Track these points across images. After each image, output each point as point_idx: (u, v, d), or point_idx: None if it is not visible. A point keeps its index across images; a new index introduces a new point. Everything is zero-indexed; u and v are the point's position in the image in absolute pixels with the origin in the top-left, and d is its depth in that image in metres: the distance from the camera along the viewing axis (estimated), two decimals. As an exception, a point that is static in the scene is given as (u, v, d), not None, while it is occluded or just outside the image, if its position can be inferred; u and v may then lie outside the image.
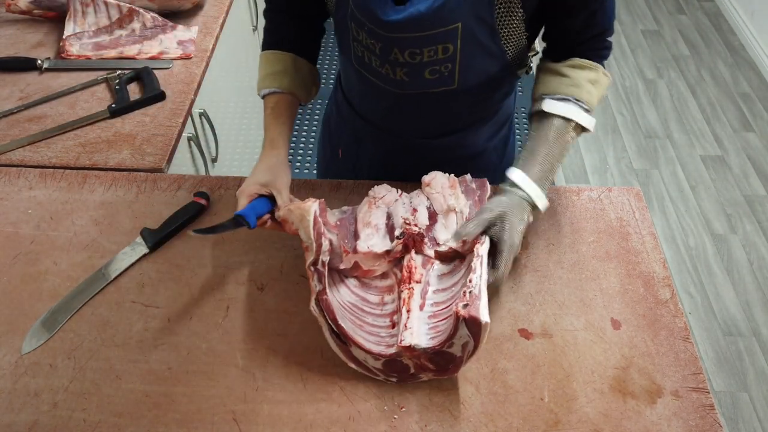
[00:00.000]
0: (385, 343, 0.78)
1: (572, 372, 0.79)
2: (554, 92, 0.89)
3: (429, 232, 0.87)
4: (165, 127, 1.17)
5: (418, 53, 0.84)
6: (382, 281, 0.87)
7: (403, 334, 0.75)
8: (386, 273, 0.88)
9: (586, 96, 0.88)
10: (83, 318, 0.85)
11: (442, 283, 0.84)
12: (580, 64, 0.88)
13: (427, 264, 0.86)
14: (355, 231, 0.89)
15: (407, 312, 0.79)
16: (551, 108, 0.88)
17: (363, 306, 0.84)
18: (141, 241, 0.93)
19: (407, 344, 0.74)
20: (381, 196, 0.92)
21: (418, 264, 0.85)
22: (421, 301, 0.81)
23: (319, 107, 2.75)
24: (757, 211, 2.33)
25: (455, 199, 0.89)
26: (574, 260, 0.92)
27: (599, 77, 0.89)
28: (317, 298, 0.77)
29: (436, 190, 0.90)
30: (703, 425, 0.74)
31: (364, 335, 0.79)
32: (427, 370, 0.76)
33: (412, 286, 0.82)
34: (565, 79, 0.88)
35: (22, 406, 0.76)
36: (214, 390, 0.77)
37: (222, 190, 1.03)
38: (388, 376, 0.78)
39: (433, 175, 0.92)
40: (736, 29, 3.20)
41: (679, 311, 0.86)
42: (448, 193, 0.90)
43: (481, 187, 0.92)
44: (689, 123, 2.71)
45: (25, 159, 1.10)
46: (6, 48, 1.37)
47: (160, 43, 1.36)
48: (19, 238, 0.95)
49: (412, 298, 0.81)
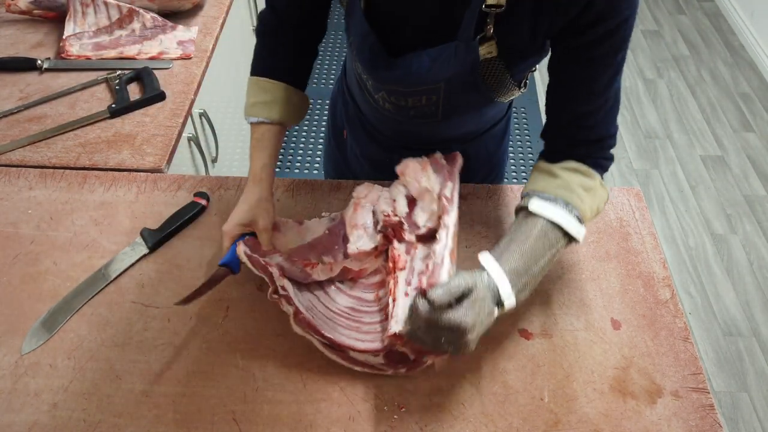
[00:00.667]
0: (380, 338, 0.79)
1: (572, 372, 0.79)
2: (542, 191, 0.79)
3: (410, 218, 0.88)
4: (165, 127, 1.17)
5: (403, 101, 0.90)
6: (375, 277, 0.89)
7: (390, 323, 0.75)
8: (378, 269, 0.89)
9: (577, 201, 0.77)
10: (83, 318, 0.85)
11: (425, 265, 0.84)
12: (575, 168, 0.79)
13: (410, 249, 0.86)
14: (345, 235, 0.90)
15: (393, 301, 0.79)
16: (538, 209, 0.77)
17: (360, 306, 0.85)
18: (141, 241, 0.93)
19: (392, 333, 0.73)
20: (364, 195, 0.93)
21: (401, 252, 0.86)
22: (406, 288, 0.81)
23: (319, 106, 2.75)
24: (757, 211, 2.33)
25: (427, 180, 0.89)
26: (574, 260, 0.92)
27: (595, 186, 0.79)
28: (295, 320, 0.77)
29: (410, 177, 0.91)
30: (703, 425, 0.74)
31: (360, 336, 0.79)
32: (426, 353, 0.75)
33: (396, 274, 0.83)
34: (555, 180, 0.79)
35: (21, 406, 0.76)
36: (214, 390, 0.77)
37: (222, 190, 1.03)
38: (395, 368, 0.78)
39: (405, 164, 0.92)
40: (736, 29, 3.20)
41: (679, 311, 0.86)
42: (420, 176, 0.90)
43: (451, 160, 0.91)
44: (689, 123, 2.71)
45: (25, 159, 1.10)
46: (6, 48, 1.37)
47: (160, 44, 1.36)
48: (19, 238, 0.95)
49: (397, 287, 0.81)
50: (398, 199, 0.90)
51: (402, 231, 0.87)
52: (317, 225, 0.92)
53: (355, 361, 0.78)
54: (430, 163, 0.91)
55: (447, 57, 0.81)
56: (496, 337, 0.83)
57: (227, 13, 1.50)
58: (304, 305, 0.80)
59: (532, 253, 0.74)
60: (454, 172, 0.89)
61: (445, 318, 0.65)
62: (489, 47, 0.79)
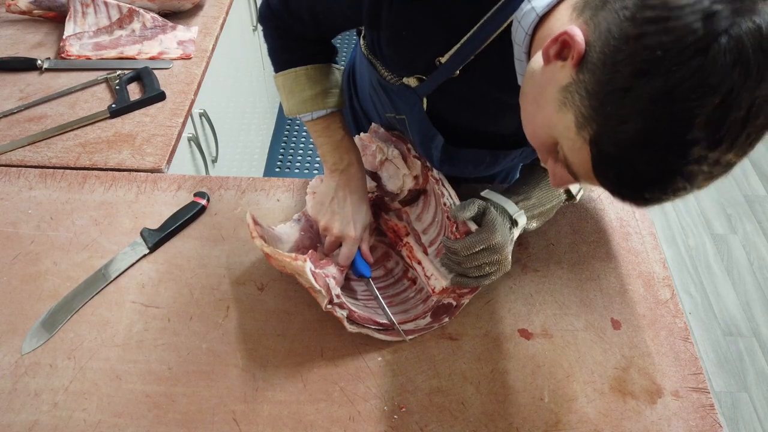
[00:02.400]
0: (419, 300, 0.83)
1: (572, 372, 0.79)
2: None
3: (382, 190, 0.92)
4: (165, 127, 1.17)
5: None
6: (374, 253, 0.91)
7: (431, 282, 0.82)
8: (374, 245, 0.92)
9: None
10: (83, 318, 0.85)
11: (424, 223, 0.89)
12: None
13: (402, 215, 0.91)
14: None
15: (419, 264, 0.86)
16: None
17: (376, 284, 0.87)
18: (141, 241, 0.93)
19: (441, 288, 0.80)
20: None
21: (395, 220, 0.91)
22: (421, 248, 0.87)
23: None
24: (757, 211, 2.33)
25: (380, 151, 0.92)
26: (574, 260, 0.92)
27: None
28: (350, 319, 0.79)
29: (364, 154, 0.93)
30: (703, 425, 0.74)
31: (399, 308, 0.84)
32: (464, 294, 0.82)
33: (405, 240, 0.88)
34: None
35: (22, 407, 0.76)
36: (214, 390, 0.77)
37: (222, 190, 1.03)
38: (440, 321, 0.82)
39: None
40: (736, 29, 3.20)
41: (679, 311, 0.86)
42: (371, 150, 0.93)
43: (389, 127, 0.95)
44: (689, 123, 2.71)
45: (25, 159, 1.10)
46: (6, 48, 1.37)
47: (160, 44, 1.36)
48: (19, 239, 0.95)
49: (413, 250, 0.87)
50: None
51: (386, 203, 0.91)
52: (290, 229, 0.91)
53: (406, 332, 0.81)
54: (373, 135, 0.94)
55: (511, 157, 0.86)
56: (496, 337, 0.83)
57: (227, 13, 1.50)
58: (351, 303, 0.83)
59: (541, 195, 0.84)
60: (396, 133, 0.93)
61: (477, 241, 0.75)
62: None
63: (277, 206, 1.00)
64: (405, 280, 0.88)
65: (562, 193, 0.87)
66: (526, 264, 0.91)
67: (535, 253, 0.93)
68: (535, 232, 0.95)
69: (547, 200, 0.85)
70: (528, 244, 0.94)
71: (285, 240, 0.89)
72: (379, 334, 0.81)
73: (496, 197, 0.82)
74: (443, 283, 0.81)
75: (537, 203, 0.84)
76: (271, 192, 1.02)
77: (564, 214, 0.98)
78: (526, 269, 0.91)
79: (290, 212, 0.99)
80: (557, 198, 0.87)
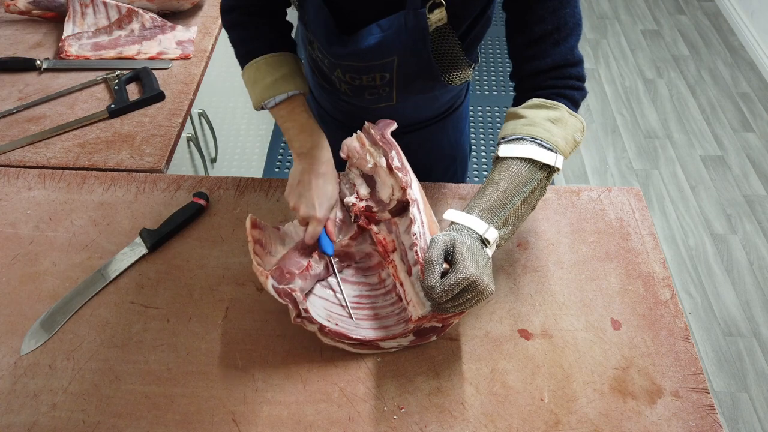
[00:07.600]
0: (403, 318, 0.81)
1: (572, 372, 0.79)
2: (510, 134, 0.81)
3: (375, 197, 0.89)
4: (164, 127, 1.17)
5: (357, 78, 0.91)
6: (371, 260, 0.90)
7: (409, 310, 0.79)
8: (370, 252, 0.90)
9: (543, 134, 0.79)
10: (82, 319, 0.85)
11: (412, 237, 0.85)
12: (538, 104, 0.81)
13: (391, 227, 0.88)
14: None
15: (400, 285, 0.83)
16: (505, 152, 0.80)
17: (368, 292, 0.86)
18: (140, 241, 0.93)
19: (416, 317, 0.76)
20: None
21: (384, 233, 0.88)
22: (405, 267, 0.83)
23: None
24: (757, 211, 2.33)
25: (371, 155, 0.89)
26: (574, 260, 0.92)
27: (563, 117, 0.80)
28: (321, 333, 0.78)
29: (356, 157, 0.91)
30: (703, 425, 0.74)
31: (381, 324, 0.82)
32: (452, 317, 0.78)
33: (391, 258, 0.86)
34: (520, 120, 0.81)
35: (21, 407, 0.76)
36: (213, 391, 0.77)
37: (221, 190, 1.02)
38: (427, 340, 0.81)
39: (345, 149, 0.92)
40: (736, 29, 3.20)
41: (679, 311, 0.86)
42: (364, 152, 0.90)
43: (384, 126, 0.89)
44: (689, 123, 2.71)
45: (24, 159, 1.10)
46: (5, 48, 1.37)
47: (159, 44, 1.36)
48: (18, 239, 0.95)
49: (398, 269, 0.84)
50: (357, 183, 0.91)
51: (374, 214, 0.89)
52: (295, 228, 0.91)
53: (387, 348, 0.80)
54: (365, 136, 0.91)
55: (398, 27, 0.83)
56: (496, 337, 0.83)
57: (227, 13, 1.49)
58: (323, 316, 0.81)
59: (506, 191, 0.77)
60: (387, 137, 0.88)
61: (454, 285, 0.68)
62: (439, 14, 0.81)
63: (277, 206, 1.00)
64: (393, 294, 0.85)
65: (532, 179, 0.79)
66: (526, 264, 0.91)
67: (535, 253, 0.93)
68: (535, 232, 0.95)
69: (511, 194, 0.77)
70: (528, 244, 0.94)
71: (288, 240, 0.90)
72: (354, 349, 0.80)
73: (459, 217, 0.76)
74: (419, 312, 0.76)
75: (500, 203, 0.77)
76: (271, 192, 1.02)
77: (564, 214, 0.98)
78: (526, 269, 0.91)
79: (290, 212, 0.99)
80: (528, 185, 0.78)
